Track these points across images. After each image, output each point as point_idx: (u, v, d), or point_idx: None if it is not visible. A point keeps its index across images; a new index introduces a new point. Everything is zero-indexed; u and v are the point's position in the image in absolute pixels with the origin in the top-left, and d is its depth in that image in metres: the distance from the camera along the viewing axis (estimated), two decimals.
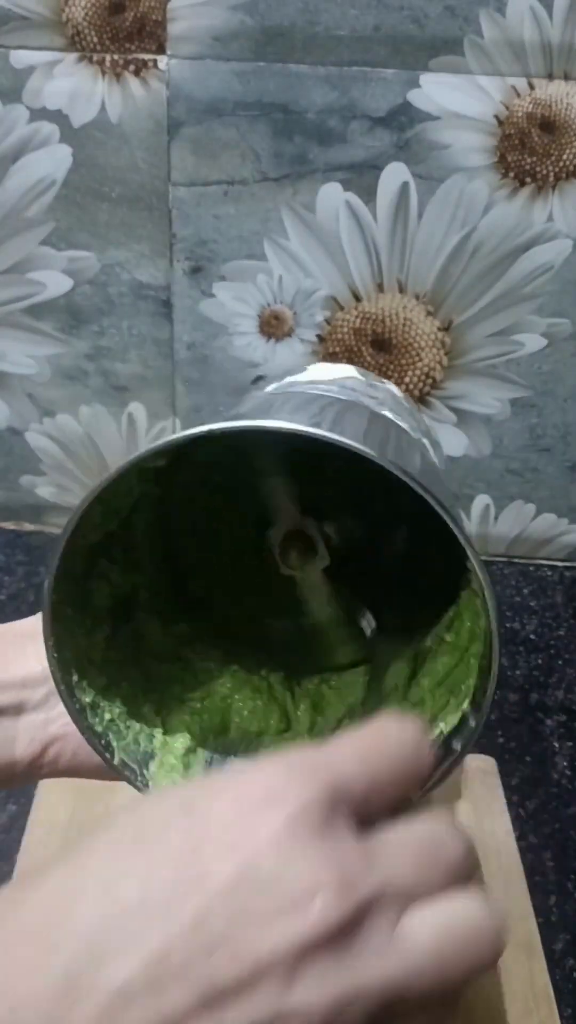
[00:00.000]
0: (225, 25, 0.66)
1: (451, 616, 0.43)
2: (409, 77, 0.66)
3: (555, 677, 0.72)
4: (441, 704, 0.40)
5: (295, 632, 0.48)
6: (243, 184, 0.71)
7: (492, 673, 0.36)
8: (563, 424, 0.78)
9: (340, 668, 0.47)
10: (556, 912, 0.55)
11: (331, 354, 0.76)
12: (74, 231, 0.73)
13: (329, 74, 0.67)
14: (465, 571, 0.39)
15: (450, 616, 0.43)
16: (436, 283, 0.73)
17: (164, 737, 0.41)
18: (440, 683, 0.42)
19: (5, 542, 0.84)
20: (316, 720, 0.45)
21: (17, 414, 0.81)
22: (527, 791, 0.62)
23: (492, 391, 0.77)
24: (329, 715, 0.45)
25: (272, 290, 0.74)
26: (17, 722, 0.40)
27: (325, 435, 0.32)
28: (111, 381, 0.79)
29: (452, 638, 0.42)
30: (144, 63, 0.67)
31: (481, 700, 0.37)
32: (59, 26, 0.67)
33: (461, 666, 0.41)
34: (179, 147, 0.70)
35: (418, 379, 0.77)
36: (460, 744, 0.38)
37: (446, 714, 0.39)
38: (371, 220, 0.71)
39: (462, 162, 0.69)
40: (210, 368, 0.77)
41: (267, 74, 0.67)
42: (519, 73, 0.66)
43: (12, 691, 0.40)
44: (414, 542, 0.48)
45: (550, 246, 0.71)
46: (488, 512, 0.83)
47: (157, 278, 0.74)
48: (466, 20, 0.64)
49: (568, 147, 0.68)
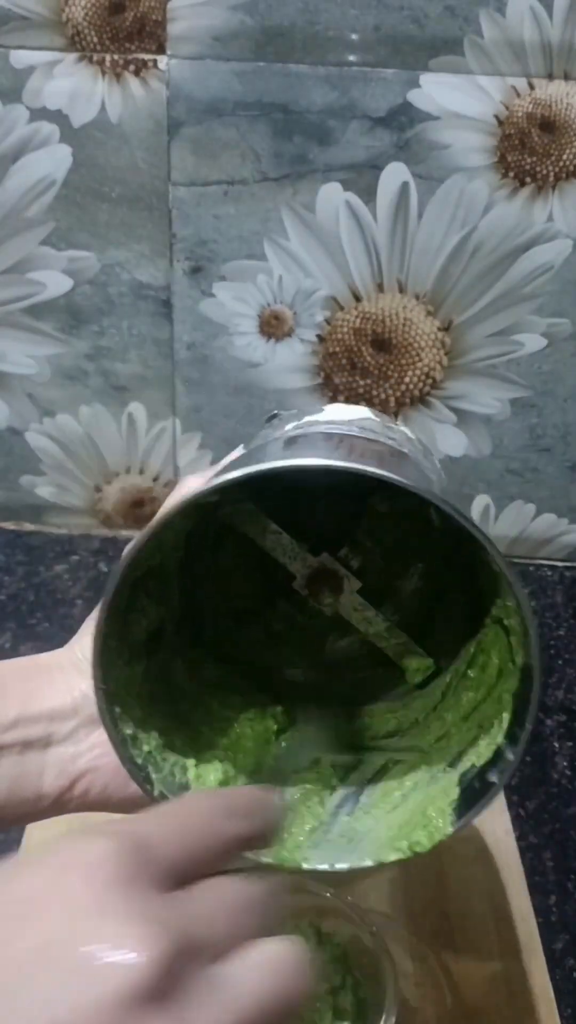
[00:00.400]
0: (225, 25, 0.66)
1: (472, 651, 0.43)
2: (409, 77, 0.66)
3: (555, 677, 0.72)
4: (469, 738, 0.40)
5: (313, 675, 0.49)
6: (243, 184, 0.71)
7: (530, 711, 0.36)
8: (563, 424, 0.78)
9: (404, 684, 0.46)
10: (556, 912, 0.55)
11: (331, 354, 0.76)
12: (74, 231, 0.73)
13: (329, 74, 0.67)
14: (487, 604, 0.41)
15: (471, 651, 0.43)
16: (436, 283, 0.73)
17: (197, 770, 0.40)
18: (466, 718, 0.42)
19: (5, 542, 0.84)
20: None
21: (17, 414, 0.81)
22: (527, 791, 0.62)
23: (492, 391, 0.77)
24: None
25: (272, 290, 0.74)
26: (45, 755, 0.40)
27: (387, 475, 0.33)
28: (111, 381, 0.79)
29: (476, 673, 0.42)
30: (144, 63, 0.67)
31: (519, 734, 0.37)
32: (59, 26, 0.67)
33: (489, 701, 0.40)
34: (179, 147, 0.70)
35: (418, 379, 0.77)
36: (497, 777, 0.37)
37: (477, 747, 0.39)
38: (371, 220, 0.71)
39: (462, 162, 0.69)
40: (210, 368, 0.77)
41: (267, 74, 0.67)
42: (519, 73, 0.66)
43: (40, 724, 0.40)
44: (427, 578, 0.48)
45: (550, 246, 0.71)
46: (488, 512, 0.83)
47: (157, 278, 0.74)
48: (466, 20, 0.64)
49: (568, 147, 0.68)
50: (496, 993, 0.48)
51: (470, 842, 0.56)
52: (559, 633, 0.77)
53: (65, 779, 0.40)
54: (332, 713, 0.47)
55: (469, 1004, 0.48)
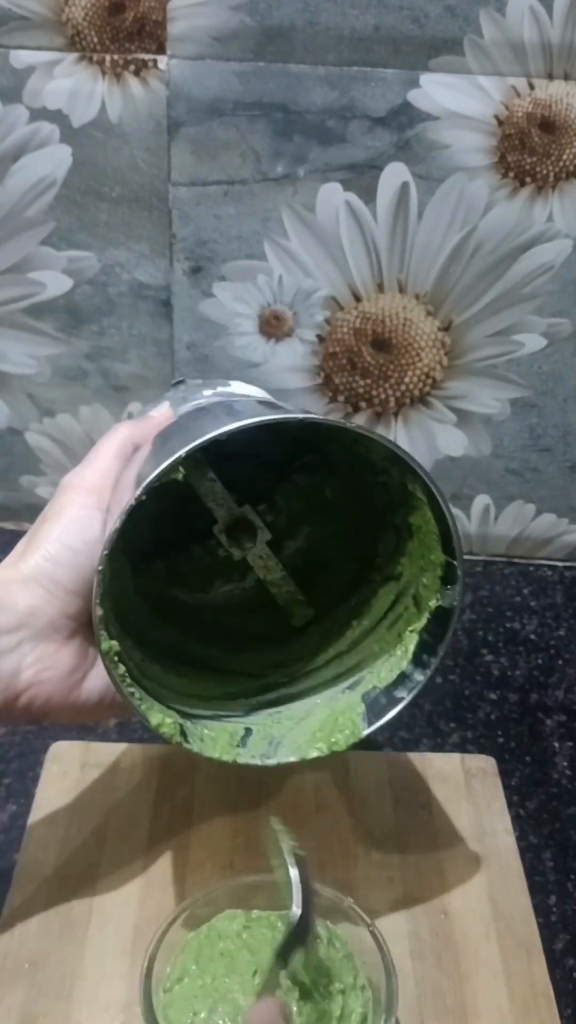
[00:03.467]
0: (225, 25, 0.66)
1: (353, 603, 0.53)
2: (409, 77, 0.66)
3: (555, 677, 0.72)
4: (353, 664, 0.51)
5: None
6: (243, 184, 0.71)
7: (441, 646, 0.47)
8: (563, 424, 0.78)
9: (296, 631, 0.55)
10: (556, 912, 0.55)
11: (331, 354, 0.76)
12: (74, 231, 0.73)
13: (329, 74, 0.67)
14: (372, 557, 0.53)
15: (352, 603, 0.54)
16: (436, 283, 0.73)
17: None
18: (349, 650, 0.52)
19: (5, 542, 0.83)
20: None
21: (17, 414, 0.81)
22: (527, 791, 0.62)
23: (492, 391, 0.77)
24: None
25: (272, 290, 0.74)
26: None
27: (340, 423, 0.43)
28: (111, 381, 0.79)
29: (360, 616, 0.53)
30: (144, 63, 0.67)
31: (429, 661, 0.47)
32: (59, 26, 0.67)
33: (380, 637, 0.51)
34: (179, 147, 0.70)
35: (418, 379, 0.77)
36: (405, 693, 0.47)
37: (376, 672, 0.49)
38: (371, 220, 0.71)
39: (462, 162, 0.69)
40: (210, 368, 0.77)
41: (267, 74, 0.67)
42: (519, 73, 0.66)
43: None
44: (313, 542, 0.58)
45: (550, 246, 0.71)
46: (488, 512, 0.83)
47: (157, 278, 0.74)
48: (466, 20, 0.64)
49: (568, 147, 0.68)
50: (496, 993, 0.48)
51: (470, 842, 0.56)
52: (559, 633, 0.77)
53: (10, 692, 0.42)
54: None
55: (469, 1004, 0.48)
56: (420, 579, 0.48)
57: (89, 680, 0.44)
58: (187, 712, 0.48)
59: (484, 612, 0.79)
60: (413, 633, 0.48)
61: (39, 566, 0.43)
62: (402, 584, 0.51)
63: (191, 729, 0.46)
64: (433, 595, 0.47)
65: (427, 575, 0.48)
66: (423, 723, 0.67)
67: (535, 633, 0.77)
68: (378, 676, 0.49)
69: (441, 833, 0.56)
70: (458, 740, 0.66)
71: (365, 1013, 0.44)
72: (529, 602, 0.80)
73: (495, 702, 0.69)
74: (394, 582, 0.51)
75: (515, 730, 0.67)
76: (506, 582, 0.83)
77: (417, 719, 0.67)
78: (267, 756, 0.47)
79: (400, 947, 0.49)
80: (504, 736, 0.66)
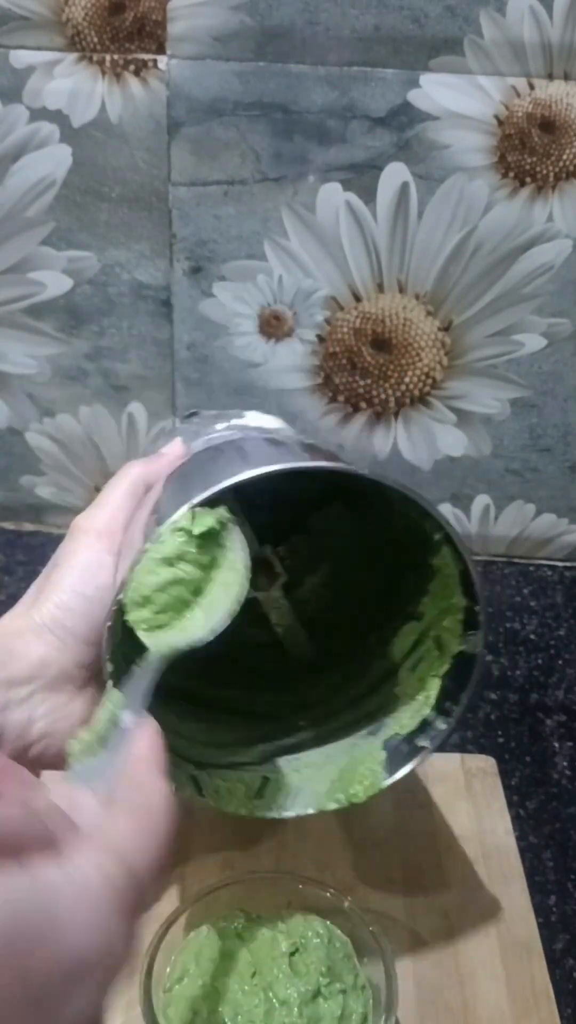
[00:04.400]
0: (225, 25, 0.66)
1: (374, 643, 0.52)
2: (409, 77, 0.66)
3: (555, 677, 0.72)
4: (374, 710, 0.50)
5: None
6: (243, 184, 0.71)
7: (465, 692, 0.46)
8: (563, 424, 0.78)
9: (316, 671, 0.54)
10: (556, 912, 0.55)
11: (331, 354, 0.76)
12: (74, 231, 0.73)
13: (329, 74, 0.67)
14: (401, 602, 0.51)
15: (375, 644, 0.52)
16: (436, 283, 0.73)
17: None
18: (370, 693, 0.51)
19: (5, 542, 0.84)
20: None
21: (17, 414, 0.81)
22: (527, 791, 0.62)
23: (492, 391, 0.77)
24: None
25: (272, 290, 0.74)
26: (2, 720, 0.40)
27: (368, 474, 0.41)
28: (111, 381, 0.79)
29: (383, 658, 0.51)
30: (144, 63, 0.67)
31: (452, 709, 0.46)
32: (59, 26, 0.67)
33: (406, 680, 0.49)
34: (179, 147, 0.70)
35: (418, 379, 0.77)
36: (428, 742, 0.46)
37: (398, 719, 0.48)
38: (371, 220, 0.71)
39: (462, 162, 0.69)
40: (210, 368, 0.77)
41: (267, 74, 0.67)
42: (519, 73, 0.66)
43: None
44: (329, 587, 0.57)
45: (550, 246, 0.71)
46: (488, 512, 0.83)
47: (157, 278, 0.74)
48: (466, 20, 0.64)
49: (568, 147, 0.68)
50: (496, 993, 0.48)
51: (470, 842, 0.56)
52: (559, 633, 0.77)
53: (21, 743, 0.41)
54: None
55: (469, 1004, 0.48)
56: (442, 622, 0.47)
57: None
58: (202, 762, 0.47)
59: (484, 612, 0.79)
60: (436, 678, 0.47)
61: (51, 615, 0.42)
62: (424, 624, 0.49)
63: (206, 781, 0.46)
64: (455, 640, 0.46)
65: (449, 618, 0.47)
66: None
67: (535, 633, 0.77)
68: (400, 723, 0.48)
69: (441, 833, 0.56)
70: (458, 740, 0.66)
71: (365, 1013, 0.44)
72: (529, 602, 0.80)
73: (495, 702, 0.69)
74: (416, 622, 0.50)
75: (515, 730, 0.67)
76: (506, 582, 0.83)
77: None
78: (284, 808, 0.47)
79: (400, 947, 0.49)
80: (504, 736, 0.66)
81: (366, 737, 0.49)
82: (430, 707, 0.47)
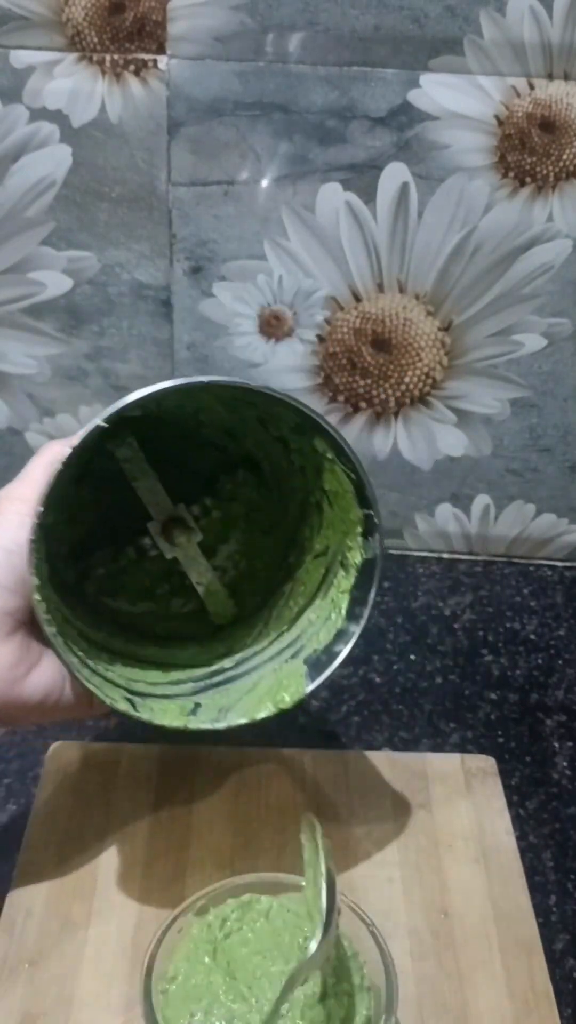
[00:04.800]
0: (225, 25, 0.66)
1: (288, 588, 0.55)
2: (409, 77, 0.66)
3: (555, 677, 0.72)
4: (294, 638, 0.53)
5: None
6: (243, 184, 0.71)
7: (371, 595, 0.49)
8: (563, 424, 0.78)
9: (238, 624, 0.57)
10: (556, 912, 0.55)
11: (331, 354, 0.76)
12: (74, 231, 0.73)
13: (329, 74, 0.67)
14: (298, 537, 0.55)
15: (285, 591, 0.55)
16: (436, 283, 0.73)
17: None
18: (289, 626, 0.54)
19: None
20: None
21: (17, 414, 0.81)
22: (527, 791, 0.62)
23: (492, 391, 0.77)
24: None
25: (272, 290, 0.74)
26: None
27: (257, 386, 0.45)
28: (111, 381, 0.79)
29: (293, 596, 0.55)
30: (144, 63, 0.67)
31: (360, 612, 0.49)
32: (59, 26, 0.67)
33: (315, 608, 0.53)
34: (179, 147, 0.70)
35: (418, 379, 0.77)
36: (342, 647, 0.50)
37: (315, 638, 0.51)
38: (371, 220, 0.71)
39: (462, 162, 0.69)
40: (210, 368, 0.77)
41: (267, 74, 0.67)
42: (519, 73, 0.66)
43: None
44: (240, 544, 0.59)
45: (550, 246, 0.71)
46: (488, 512, 0.83)
47: (157, 278, 0.74)
48: (466, 20, 0.64)
49: (568, 147, 0.68)
50: (496, 993, 0.48)
51: (470, 842, 0.56)
52: (559, 633, 0.77)
53: None
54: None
55: (469, 1004, 0.48)
56: (344, 543, 0.50)
57: (33, 676, 0.46)
58: (135, 691, 0.49)
59: (484, 612, 0.79)
60: (344, 594, 0.51)
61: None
62: (329, 556, 0.52)
63: (140, 702, 0.48)
64: (357, 552, 0.49)
65: (349, 537, 0.49)
66: (423, 723, 0.67)
67: (535, 633, 0.77)
68: (317, 640, 0.51)
69: (441, 833, 0.56)
70: (458, 740, 0.66)
71: (369, 1015, 0.44)
72: (529, 602, 0.80)
73: (495, 702, 0.69)
74: (322, 557, 0.53)
75: (515, 730, 0.67)
76: (506, 582, 0.83)
77: (417, 719, 0.67)
78: (217, 721, 0.49)
79: (400, 947, 0.49)
80: (504, 736, 0.66)
81: (288, 661, 0.52)
82: (342, 619, 0.50)
